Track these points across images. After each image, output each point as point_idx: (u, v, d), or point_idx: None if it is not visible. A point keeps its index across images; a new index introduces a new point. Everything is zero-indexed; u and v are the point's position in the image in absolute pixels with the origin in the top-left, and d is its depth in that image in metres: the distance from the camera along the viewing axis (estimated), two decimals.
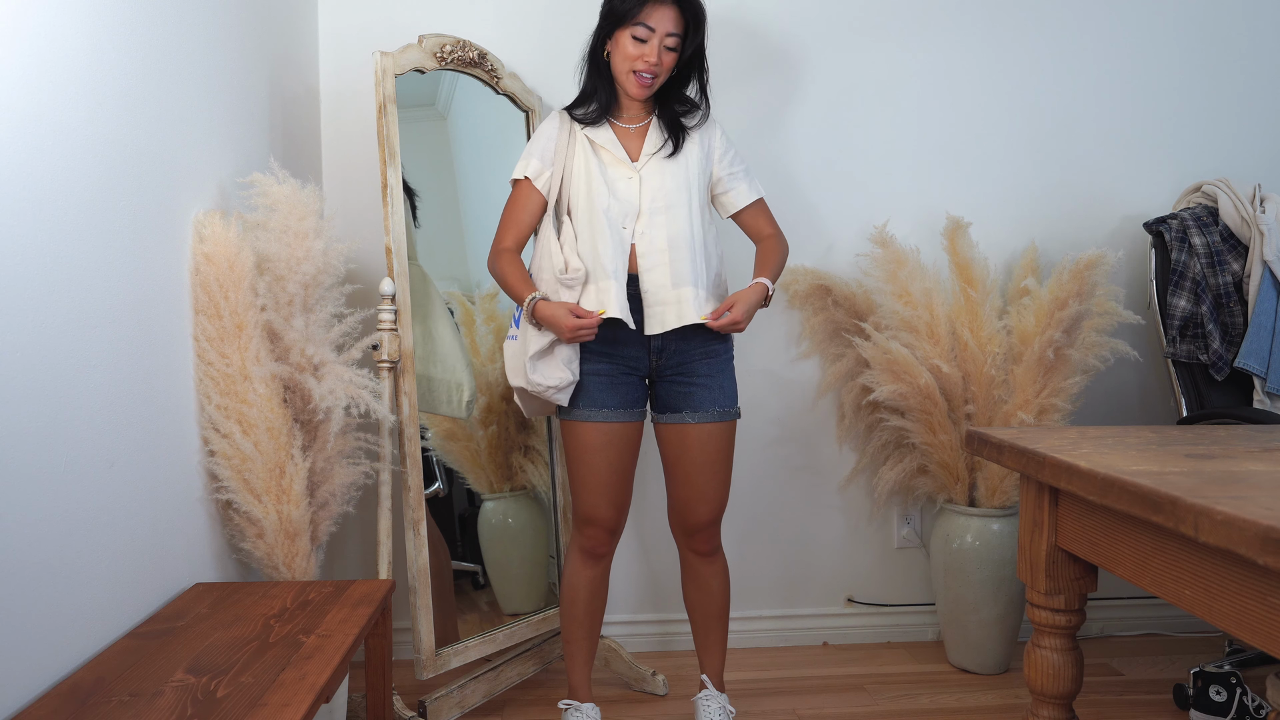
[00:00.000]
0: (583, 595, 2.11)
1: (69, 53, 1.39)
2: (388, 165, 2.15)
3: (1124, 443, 1.35)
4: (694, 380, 2.04)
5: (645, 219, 2.02)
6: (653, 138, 2.09)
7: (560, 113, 2.12)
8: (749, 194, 2.14)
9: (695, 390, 2.04)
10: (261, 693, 1.28)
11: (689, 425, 2.04)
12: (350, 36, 2.55)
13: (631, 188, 2.04)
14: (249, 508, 1.80)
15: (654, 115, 2.11)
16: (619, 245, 2.00)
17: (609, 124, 2.10)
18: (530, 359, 1.97)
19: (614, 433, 2.01)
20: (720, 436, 2.06)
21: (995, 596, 2.49)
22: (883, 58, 2.72)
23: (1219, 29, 2.78)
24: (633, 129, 2.10)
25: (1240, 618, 0.99)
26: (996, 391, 2.51)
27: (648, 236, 2.01)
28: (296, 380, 1.88)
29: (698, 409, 2.04)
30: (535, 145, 2.08)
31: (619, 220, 2.01)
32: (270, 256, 1.87)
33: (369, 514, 2.42)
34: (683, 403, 2.04)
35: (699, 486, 2.07)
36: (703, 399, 2.04)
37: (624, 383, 2.03)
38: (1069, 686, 1.39)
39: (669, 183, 2.04)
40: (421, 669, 2.13)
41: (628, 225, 2.02)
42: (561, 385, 1.98)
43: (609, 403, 2.01)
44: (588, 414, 2.01)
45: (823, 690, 2.45)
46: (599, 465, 2.01)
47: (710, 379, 2.05)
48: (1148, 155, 2.79)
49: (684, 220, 2.03)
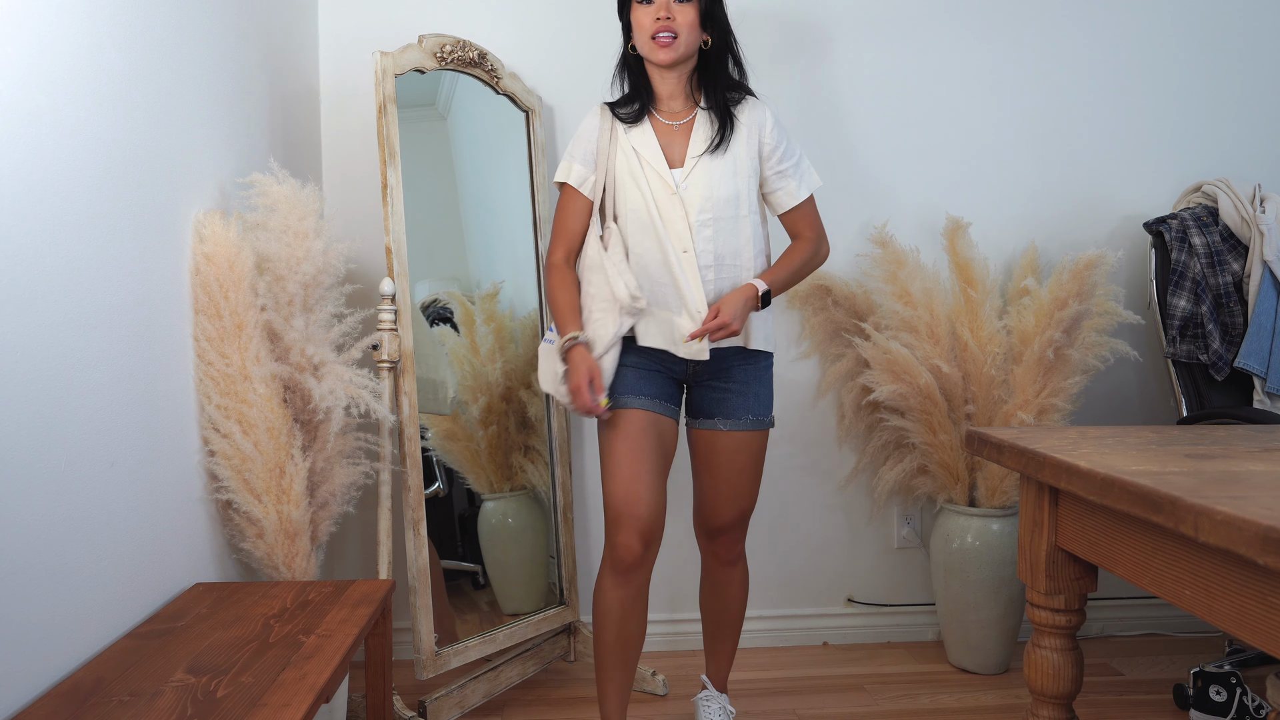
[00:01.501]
0: (614, 618, 1.91)
1: (69, 52, 1.39)
2: (388, 165, 2.15)
3: (1124, 443, 1.35)
4: (730, 386, 1.98)
5: (693, 234, 1.93)
6: (699, 135, 1.96)
7: (602, 108, 2.02)
8: (797, 194, 2.02)
9: (730, 397, 1.98)
10: (261, 693, 1.28)
11: (721, 432, 1.98)
12: (350, 36, 2.55)
13: (675, 211, 1.93)
14: (249, 508, 1.80)
15: (699, 107, 1.99)
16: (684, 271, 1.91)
17: (650, 120, 1.98)
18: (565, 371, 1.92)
19: (650, 421, 1.92)
20: (752, 445, 2.00)
21: (995, 596, 2.49)
22: (883, 58, 2.72)
23: (1219, 29, 2.78)
24: (677, 125, 1.98)
25: (1240, 618, 0.99)
26: (996, 391, 2.51)
27: (693, 252, 1.92)
28: (296, 380, 1.88)
29: (731, 415, 1.98)
30: (577, 148, 2.00)
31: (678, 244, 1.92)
32: (270, 256, 1.87)
33: (369, 514, 2.42)
34: (716, 408, 1.99)
35: (726, 489, 2.01)
36: (737, 405, 1.98)
37: (660, 378, 1.96)
38: (1069, 686, 1.39)
39: (717, 192, 1.93)
40: (421, 669, 2.13)
41: (688, 248, 1.92)
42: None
43: (647, 391, 1.93)
44: (625, 400, 1.92)
45: (823, 690, 2.45)
46: (636, 451, 1.88)
47: (746, 385, 1.99)
48: (1148, 155, 2.79)
49: (731, 234, 1.94)
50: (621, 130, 1.98)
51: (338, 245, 1.95)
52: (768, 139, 1.99)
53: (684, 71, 1.98)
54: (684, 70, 1.98)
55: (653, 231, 1.92)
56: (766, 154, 1.99)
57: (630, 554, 1.86)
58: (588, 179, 1.98)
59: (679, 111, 1.99)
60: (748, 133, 1.97)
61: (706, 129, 1.96)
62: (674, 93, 1.99)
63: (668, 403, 1.96)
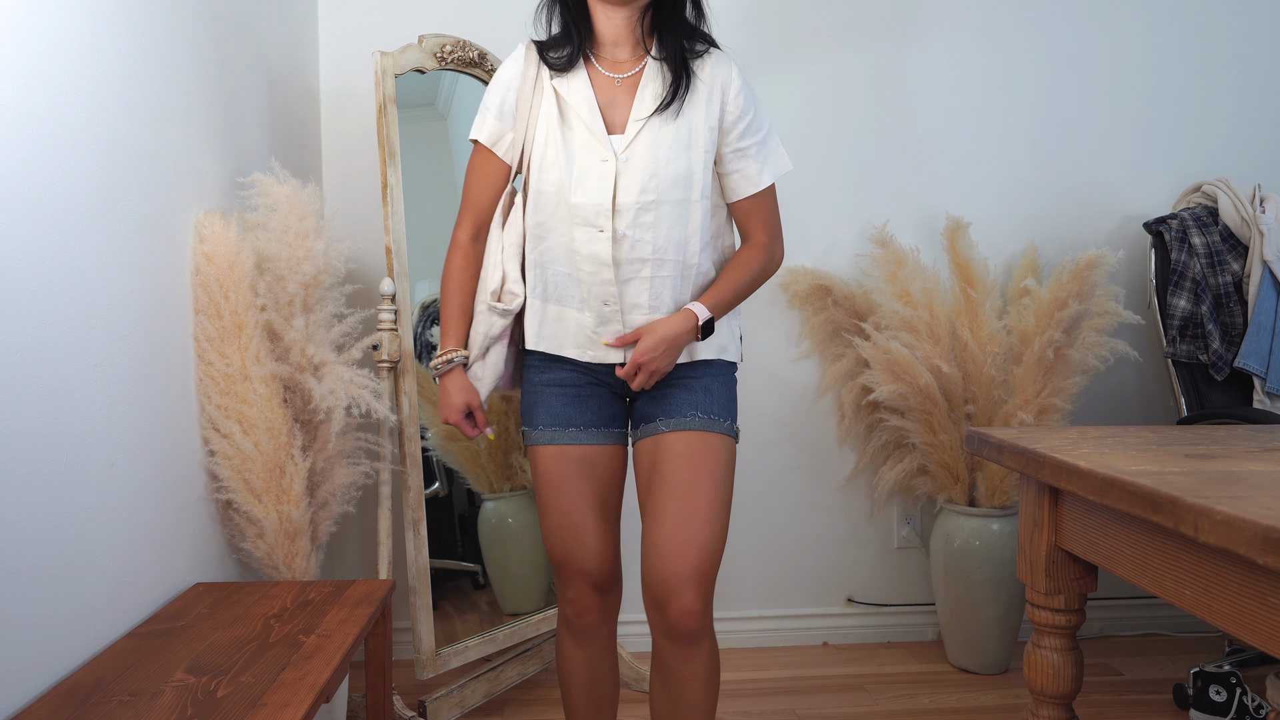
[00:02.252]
0: (580, 683, 1.66)
1: (70, 52, 1.39)
2: (388, 165, 2.15)
3: (1124, 443, 1.35)
4: (674, 383, 1.61)
5: (629, 216, 1.54)
6: (647, 91, 1.57)
7: (527, 48, 1.63)
8: (757, 179, 1.62)
9: (673, 393, 1.60)
10: (261, 693, 1.28)
11: (663, 436, 1.57)
12: (350, 36, 2.55)
13: (604, 180, 1.53)
14: (249, 508, 1.80)
15: (650, 56, 1.59)
16: (592, 256, 1.55)
17: (588, 69, 1.59)
18: None
19: (587, 458, 1.59)
20: (704, 452, 1.54)
21: (995, 596, 2.49)
22: (883, 57, 2.72)
23: (1219, 29, 2.78)
24: (620, 80, 1.59)
25: (1240, 618, 0.99)
26: (996, 391, 2.51)
27: (629, 240, 1.55)
28: (297, 380, 1.88)
29: (674, 414, 1.57)
30: (492, 97, 1.62)
31: (592, 218, 1.54)
32: (270, 256, 1.87)
33: (369, 514, 2.42)
34: (658, 408, 1.60)
35: (674, 517, 1.50)
36: (681, 401, 1.58)
37: (593, 396, 1.61)
38: (1069, 686, 1.39)
39: (664, 169, 1.54)
40: (421, 669, 2.13)
41: (604, 227, 1.54)
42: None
43: (577, 419, 1.59)
44: (551, 434, 1.59)
45: (823, 690, 2.45)
46: (571, 499, 1.57)
47: (695, 381, 1.60)
48: (1148, 155, 2.79)
49: (677, 222, 1.56)
50: (548, 78, 1.59)
51: (338, 245, 1.95)
52: (731, 105, 1.59)
53: (635, 10, 1.58)
54: (635, 8, 1.57)
55: (568, 208, 1.55)
56: (728, 124, 1.60)
57: (586, 611, 1.61)
58: (503, 136, 1.61)
59: (624, 61, 1.60)
60: (708, 94, 1.58)
61: (657, 85, 1.57)
62: (621, 37, 1.59)
63: (604, 427, 1.61)
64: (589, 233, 1.55)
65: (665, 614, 1.51)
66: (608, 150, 1.55)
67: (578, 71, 1.58)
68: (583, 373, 1.62)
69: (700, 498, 1.51)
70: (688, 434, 1.55)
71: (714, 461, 1.54)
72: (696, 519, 1.50)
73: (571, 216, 1.55)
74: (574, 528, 1.58)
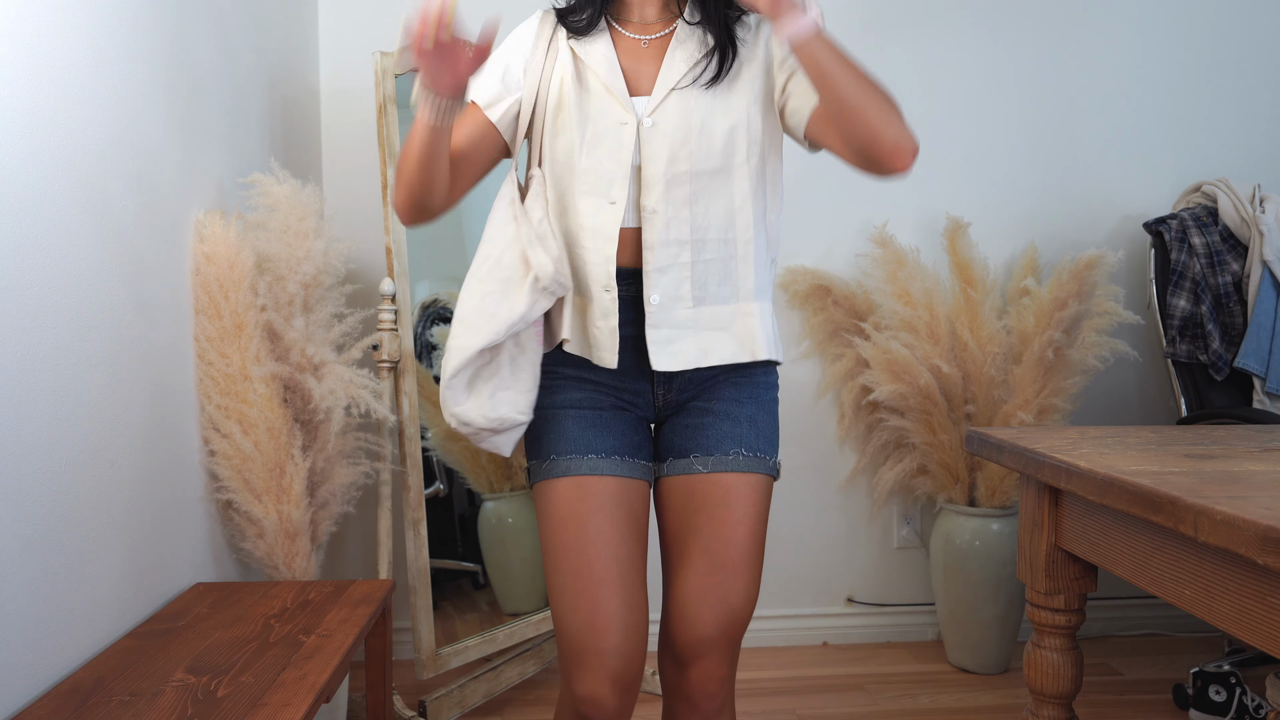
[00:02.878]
0: None
1: (70, 52, 1.39)
2: (388, 165, 2.15)
3: (1124, 443, 1.35)
4: (712, 406, 1.36)
5: (658, 189, 1.31)
6: (679, 55, 1.34)
7: (544, 12, 1.43)
8: None
9: (712, 422, 1.35)
10: (262, 692, 1.28)
11: (698, 477, 1.33)
12: (350, 36, 2.55)
13: (621, 146, 1.32)
14: (249, 508, 1.80)
15: (682, 19, 1.37)
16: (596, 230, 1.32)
17: (609, 30, 1.38)
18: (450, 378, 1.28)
19: (612, 493, 1.30)
20: (748, 498, 1.33)
21: (995, 596, 2.49)
22: (883, 57, 2.72)
23: (1219, 29, 2.78)
24: (647, 40, 1.37)
25: (1240, 618, 0.99)
26: (996, 391, 2.51)
27: (661, 219, 1.31)
28: (297, 380, 1.88)
29: (713, 449, 1.33)
30: (496, 58, 1.39)
31: (602, 187, 1.32)
32: (270, 256, 1.87)
33: (369, 514, 2.42)
34: (692, 440, 1.35)
35: (706, 574, 1.30)
36: (723, 435, 1.34)
37: (618, 420, 1.35)
38: (1069, 686, 1.39)
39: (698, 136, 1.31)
40: (421, 669, 2.13)
41: (617, 198, 1.31)
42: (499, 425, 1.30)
43: (597, 445, 1.32)
44: (567, 464, 1.31)
45: (823, 690, 2.45)
46: (593, 549, 1.26)
47: (738, 406, 1.36)
48: (1148, 155, 2.79)
49: (719, 195, 1.33)
50: (564, 40, 1.39)
51: (338, 245, 1.95)
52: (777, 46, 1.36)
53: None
54: None
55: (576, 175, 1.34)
56: (779, 62, 1.36)
57: (600, 710, 1.26)
58: (502, 100, 1.37)
59: (652, 23, 1.39)
60: (758, 42, 1.37)
61: (691, 46, 1.35)
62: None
63: (632, 456, 1.34)
64: (596, 203, 1.32)
65: (687, 676, 1.32)
66: (628, 112, 1.33)
67: (599, 34, 1.37)
68: (606, 393, 1.36)
69: (737, 551, 1.31)
70: (729, 476, 1.33)
71: (755, 509, 1.33)
72: (732, 576, 1.30)
73: (579, 184, 1.33)
74: (595, 590, 1.24)
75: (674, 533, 1.35)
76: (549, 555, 1.30)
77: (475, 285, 1.31)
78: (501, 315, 1.28)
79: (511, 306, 1.28)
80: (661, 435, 1.40)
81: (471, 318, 1.29)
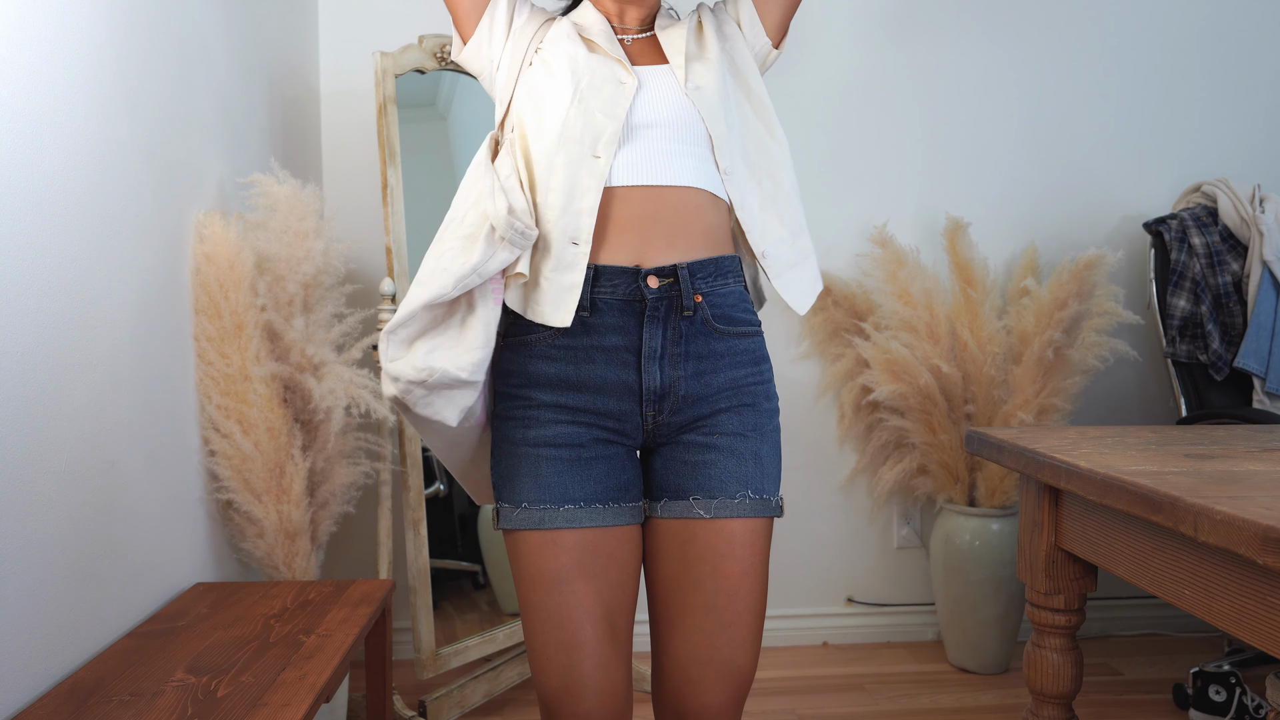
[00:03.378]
0: None
1: (69, 52, 1.39)
2: (388, 165, 2.15)
3: (1124, 443, 1.35)
4: (713, 444, 1.24)
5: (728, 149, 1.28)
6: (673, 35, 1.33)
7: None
8: None
9: (715, 458, 1.24)
10: (262, 692, 1.28)
11: (699, 523, 1.22)
12: (350, 36, 2.55)
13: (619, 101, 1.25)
14: (249, 508, 1.80)
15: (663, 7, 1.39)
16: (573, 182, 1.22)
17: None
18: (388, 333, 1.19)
19: (589, 547, 1.20)
20: (750, 548, 1.23)
21: (995, 596, 2.50)
22: (883, 57, 2.72)
23: (1219, 29, 2.79)
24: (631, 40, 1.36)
25: (1240, 618, 0.99)
26: (996, 391, 2.51)
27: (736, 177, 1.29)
28: (297, 380, 1.88)
29: (716, 491, 1.22)
30: None
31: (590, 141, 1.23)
32: (270, 256, 1.87)
33: (369, 514, 2.42)
34: (691, 480, 1.24)
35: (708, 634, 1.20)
36: (727, 474, 1.23)
37: (601, 458, 1.23)
38: (1069, 686, 1.39)
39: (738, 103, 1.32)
40: (421, 669, 2.13)
41: (601, 154, 1.23)
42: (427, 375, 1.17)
43: (575, 492, 1.20)
44: (540, 515, 1.19)
45: (823, 690, 2.45)
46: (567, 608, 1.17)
47: (742, 442, 1.25)
48: (1148, 155, 2.79)
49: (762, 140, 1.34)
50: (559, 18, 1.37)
51: (338, 245, 1.96)
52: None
53: None
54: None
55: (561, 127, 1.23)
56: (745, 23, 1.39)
57: None
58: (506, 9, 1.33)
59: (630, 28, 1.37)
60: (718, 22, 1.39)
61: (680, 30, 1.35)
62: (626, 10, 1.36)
63: (613, 502, 1.22)
64: (580, 152, 1.22)
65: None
66: (629, 75, 1.27)
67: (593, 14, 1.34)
68: (588, 422, 1.23)
69: (743, 606, 1.21)
70: (734, 524, 1.22)
71: (760, 558, 1.23)
72: (738, 635, 1.20)
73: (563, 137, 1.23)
74: (568, 653, 1.17)
75: (670, 582, 1.24)
76: (523, 609, 1.22)
77: (436, 246, 1.23)
78: (453, 269, 1.17)
79: (466, 261, 1.17)
80: (654, 469, 1.27)
81: (427, 277, 1.19)
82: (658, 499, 1.26)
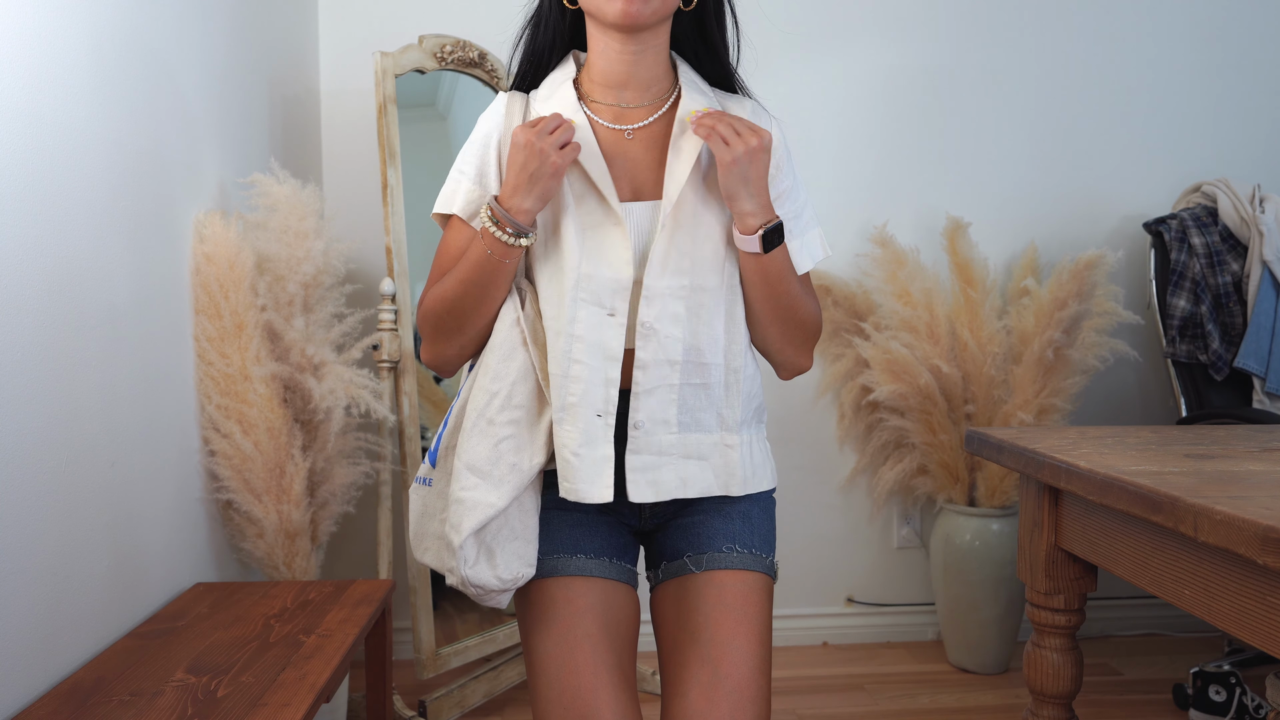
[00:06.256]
0: None
1: (70, 52, 1.39)
2: (388, 165, 2.15)
3: (1124, 443, 1.35)
4: (701, 507, 1.26)
5: (658, 304, 1.18)
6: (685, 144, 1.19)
7: (510, 99, 1.28)
8: (796, 261, 1.26)
9: (703, 520, 1.26)
10: (262, 692, 1.28)
11: (691, 576, 1.23)
12: (350, 36, 2.55)
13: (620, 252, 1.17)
14: (249, 508, 1.80)
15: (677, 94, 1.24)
16: (598, 345, 1.17)
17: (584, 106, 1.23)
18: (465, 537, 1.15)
19: (600, 596, 1.20)
20: (742, 599, 1.20)
21: (995, 596, 2.50)
22: (883, 57, 2.72)
23: (1219, 29, 2.79)
24: (630, 132, 1.23)
25: (1240, 617, 0.99)
26: (996, 391, 2.51)
27: (655, 336, 1.18)
28: (297, 380, 1.88)
29: (705, 547, 1.24)
30: (467, 157, 1.27)
31: (606, 297, 1.17)
32: (270, 256, 1.87)
33: (369, 514, 2.42)
34: (683, 540, 1.26)
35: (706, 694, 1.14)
36: (714, 532, 1.24)
37: (601, 523, 1.26)
38: (1069, 686, 1.39)
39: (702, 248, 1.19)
40: (421, 669, 2.13)
41: (617, 310, 1.17)
42: (513, 585, 1.19)
43: (585, 545, 1.22)
44: (554, 563, 1.21)
45: (823, 690, 2.45)
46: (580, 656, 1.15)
47: (730, 504, 1.26)
48: (1148, 155, 2.79)
49: (713, 317, 1.20)
50: None
51: (338, 245, 1.96)
52: (778, 175, 1.26)
53: (658, 44, 1.22)
54: (657, 42, 1.22)
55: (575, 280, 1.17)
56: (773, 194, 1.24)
57: None
58: (482, 204, 1.23)
59: (632, 109, 1.24)
60: None
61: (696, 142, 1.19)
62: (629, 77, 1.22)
63: (618, 558, 1.25)
64: (596, 314, 1.17)
65: None
66: (611, 212, 1.18)
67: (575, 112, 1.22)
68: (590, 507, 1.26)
69: (740, 657, 1.16)
70: (723, 574, 1.21)
71: (756, 610, 1.20)
72: (738, 691, 1.14)
73: (577, 291, 1.17)
74: (585, 699, 1.12)
75: (671, 641, 1.21)
76: (533, 658, 1.18)
77: (484, 427, 1.17)
78: (524, 467, 1.17)
79: (533, 457, 1.18)
80: (654, 542, 1.30)
81: (488, 468, 1.16)
82: (657, 566, 1.29)
